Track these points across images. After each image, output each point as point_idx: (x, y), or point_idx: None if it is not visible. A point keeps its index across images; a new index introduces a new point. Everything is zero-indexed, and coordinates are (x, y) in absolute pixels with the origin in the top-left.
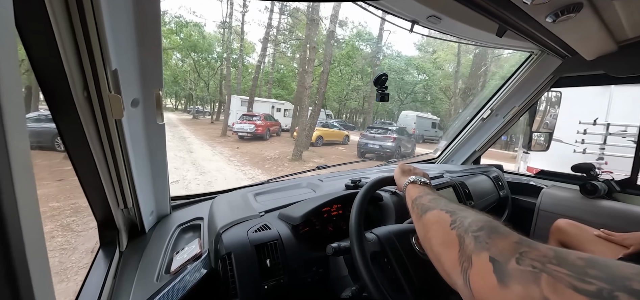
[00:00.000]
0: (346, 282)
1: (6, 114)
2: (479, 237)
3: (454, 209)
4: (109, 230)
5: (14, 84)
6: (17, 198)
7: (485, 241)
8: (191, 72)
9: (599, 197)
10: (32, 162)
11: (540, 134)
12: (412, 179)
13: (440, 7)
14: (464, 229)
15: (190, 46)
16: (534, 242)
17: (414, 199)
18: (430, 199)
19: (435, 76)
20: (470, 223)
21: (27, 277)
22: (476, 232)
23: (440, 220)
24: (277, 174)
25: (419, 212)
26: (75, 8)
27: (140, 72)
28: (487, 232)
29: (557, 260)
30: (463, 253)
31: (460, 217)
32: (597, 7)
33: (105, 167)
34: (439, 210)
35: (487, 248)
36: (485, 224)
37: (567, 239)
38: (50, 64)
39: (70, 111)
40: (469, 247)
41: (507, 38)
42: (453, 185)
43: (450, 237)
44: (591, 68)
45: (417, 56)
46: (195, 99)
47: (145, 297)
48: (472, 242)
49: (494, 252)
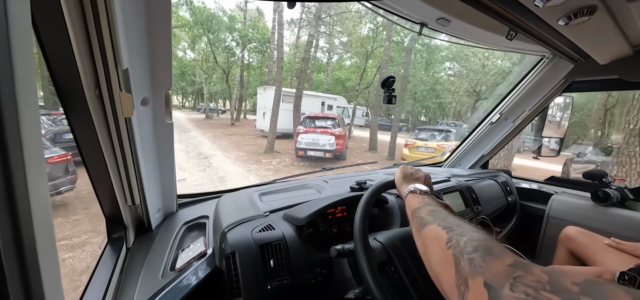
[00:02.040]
0: (350, 284)
1: (22, 110)
2: (474, 260)
3: (451, 225)
4: (117, 226)
5: (29, 82)
6: (29, 192)
7: (480, 264)
8: (203, 62)
9: (611, 205)
10: (44, 158)
11: (549, 139)
12: (411, 188)
13: (449, 10)
14: (459, 250)
15: (204, 21)
16: (528, 265)
17: (414, 211)
18: (429, 212)
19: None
20: (466, 242)
21: (36, 265)
22: (471, 254)
23: (437, 237)
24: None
25: (418, 225)
26: (89, 9)
27: (150, 71)
28: (481, 254)
29: (551, 286)
30: (459, 275)
31: (457, 235)
32: (612, 10)
33: (115, 164)
34: (437, 226)
35: (482, 272)
36: (480, 244)
37: (576, 247)
38: (64, 63)
39: (83, 108)
40: (464, 270)
41: (517, 41)
42: (460, 189)
43: (447, 257)
44: (605, 72)
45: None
46: (206, 94)
47: (151, 293)
48: (467, 264)
49: (488, 277)
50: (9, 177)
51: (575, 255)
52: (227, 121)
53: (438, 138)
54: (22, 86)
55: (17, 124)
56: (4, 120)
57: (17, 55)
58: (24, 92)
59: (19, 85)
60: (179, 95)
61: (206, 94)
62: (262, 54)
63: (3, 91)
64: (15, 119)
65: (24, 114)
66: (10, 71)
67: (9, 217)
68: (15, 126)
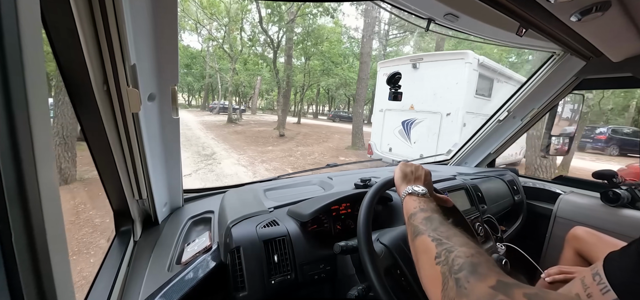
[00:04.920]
0: (353, 280)
1: (32, 106)
2: (459, 280)
3: (441, 237)
4: (125, 220)
5: (39, 78)
6: (40, 186)
7: (465, 286)
8: (220, 56)
9: (621, 205)
10: (54, 152)
11: (558, 138)
12: (409, 190)
13: (458, 5)
14: (447, 267)
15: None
16: (510, 287)
17: (409, 216)
18: (422, 220)
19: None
20: (454, 259)
21: (46, 257)
22: (457, 274)
23: (427, 250)
24: None
25: (412, 233)
26: (97, 5)
27: (157, 67)
28: (466, 274)
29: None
30: (446, 295)
31: (446, 250)
32: (627, 6)
33: (122, 159)
34: (427, 237)
35: (467, 294)
36: (466, 262)
37: (583, 248)
38: (73, 59)
39: (91, 104)
40: (451, 291)
41: (528, 38)
42: (465, 188)
43: (435, 273)
44: (617, 70)
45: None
46: (230, 89)
47: (157, 285)
48: (454, 285)
49: (472, 299)
50: (20, 172)
51: (582, 255)
52: (263, 126)
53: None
54: (33, 83)
55: (27, 119)
56: (15, 116)
57: (28, 53)
58: (34, 88)
59: (29, 81)
60: (184, 92)
61: (230, 89)
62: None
63: (14, 88)
64: (25, 115)
65: (35, 110)
66: (21, 68)
67: (21, 210)
68: (25, 122)
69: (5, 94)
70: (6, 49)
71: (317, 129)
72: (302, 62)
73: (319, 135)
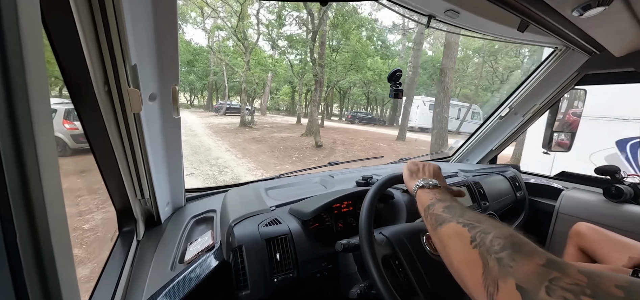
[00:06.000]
0: (355, 278)
1: (34, 106)
2: (503, 260)
3: (472, 221)
4: (127, 220)
5: (40, 78)
6: (44, 186)
7: (509, 264)
8: (226, 52)
9: (624, 201)
10: (57, 153)
11: (560, 134)
12: (420, 183)
13: (458, 1)
14: (485, 248)
15: None
16: (562, 264)
17: (426, 208)
18: (444, 208)
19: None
20: (492, 241)
21: (51, 257)
22: (499, 253)
23: (458, 235)
24: None
25: (433, 223)
26: (97, 6)
27: (158, 67)
28: (510, 253)
29: (592, 291)
30: (488, 276)
31: (480, 232)
32: (629, 0)
33: (124, 159)
34: (456, 224)
35: (512, 273)
36: (507, 242)
37: (586, 244)
38: (74, 60)
39: (93, 104)
40: (493, 271)
41: (529, 33)
42: (467, 184)
43: (473, 257)
44: (620, 65)
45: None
46: (227, 88)
47: (161, 284)
48: (496, 265)
49: (520, 277)
50: (23, 172)
51: (585, 251)
52: (284, 131)
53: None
54: (34, 83)
55: (29, 120)
56: (17, 116)
57: (29, 53)
58: (35, 88)
59: (30, 82)
60: (186, 91)
61: (244, 86)
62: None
63: (15, 88)
64: (28, 116)
65: (36, 110)
66: (22, 68)
67: (25, 210)
68: (28, 122)
69: (6, 94)
70: (7, 49)
71: (349, 134)
72: (330, 53)
73: (360, 143)
